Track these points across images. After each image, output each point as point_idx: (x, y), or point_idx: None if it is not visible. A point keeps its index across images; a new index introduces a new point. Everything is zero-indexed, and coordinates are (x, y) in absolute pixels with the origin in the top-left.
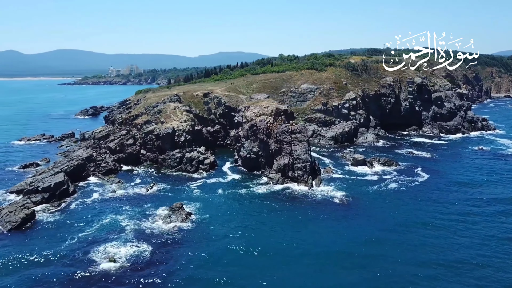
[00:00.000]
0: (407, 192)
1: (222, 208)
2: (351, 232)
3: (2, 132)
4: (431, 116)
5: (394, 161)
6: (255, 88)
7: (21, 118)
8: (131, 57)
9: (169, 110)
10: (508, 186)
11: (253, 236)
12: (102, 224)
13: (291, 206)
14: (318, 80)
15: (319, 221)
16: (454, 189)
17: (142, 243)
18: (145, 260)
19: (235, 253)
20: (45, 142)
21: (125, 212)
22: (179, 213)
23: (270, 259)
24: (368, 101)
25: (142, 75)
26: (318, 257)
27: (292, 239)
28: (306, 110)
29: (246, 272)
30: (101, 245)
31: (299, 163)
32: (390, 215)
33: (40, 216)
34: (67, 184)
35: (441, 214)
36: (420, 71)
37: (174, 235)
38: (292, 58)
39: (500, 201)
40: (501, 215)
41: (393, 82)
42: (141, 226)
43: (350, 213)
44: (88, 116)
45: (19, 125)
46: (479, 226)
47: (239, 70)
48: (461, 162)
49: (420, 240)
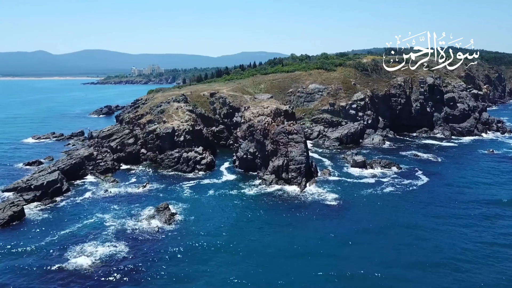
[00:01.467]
0: (401, 196)
1: (209, 209)
2: (330, 233)
3: (17, 130)
4: (442, 118)
5: (395, 164)
6: (262, 88)
7: (38, 116)
8: (154, 57)
9: (172, 110)
10: (507, 189)
11: (232, 238)
12: (86, 223)
13: (278, 208)
14: (326, 80)
15: (302, 222)
16: (451, 193)
17: (120, 243)
18: (119, 260)
19: (211, 255)
20: (54, 140)
21: (112, 211)
22: (163, 214)
23: (245, 260)
24: (377, 102)
25: (163, 74)
26: (292, 257)
27: (271, 240)
28: (313, 111)
29: (217, 273)
30: (79, 243)
31: (294, 164)
32: (376, 218)
33: (30, 213)
34: (60, 183)
35: (430, 217)
36: (433, 71)
37: (154, 236)
38: (303, 57)
39: (495, 204)
40: (491, 219)
41: (404, 82)
42: (124, 226)
43: (335, 215)
44: (102, 115)
45: (35, 123)
46: (466, 229)
47: (249, 70)
48: (466, 165)
49: (399, 242)
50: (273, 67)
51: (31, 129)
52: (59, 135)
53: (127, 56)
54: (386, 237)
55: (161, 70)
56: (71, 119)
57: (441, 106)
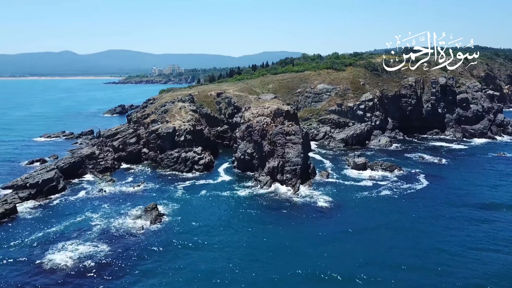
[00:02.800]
0: (396, 199)
1: (197, 210)
2: (311, 233)
3: (31, 128)
4: (454, 119)
5: (397, 166)
6: (271, 88)
7: (55, 115)
8: (176, 57)
9: (175, 109)
10: (508, 192)
11: (212, 237)
12: (74, 222)
13: (266, 210)
14: (335, 80)
15: (285, 223)
16: (448, 196)
17: (101, 242)
18: (95, 258)
19: (189, 257)
20: (64, 139)
21: (101, 210)
22: (150, 214)
23: (221, 261)
24: (387, 102)
25: (182, 74)
26: (267, 256)
27: (249, 239)
28: (320, 111)
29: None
30: (62, 241)
31: (290, 166)
32: (363, 220)
33: (22, 211)
34: (56, 181)
35: (419, 220)
36: (447, 71)
37: (137, 236)
38: (315, 57)
39: (490, 207)
40: (482, 222)
41: (415, 82)
42: (109, 225)
43: (321, 217)
44: (115, 115)
45: (50, 121)
46: (454, 232)
47: (260, 70)
48: (471, 168)
49: (381, 244)
50: (284, 67)
51: (45, 127)
52: (69, 134)
53: (149, 56)
54: (369, 239)
55: (181, 70)
56: (85, 118)
57: (453, 107)
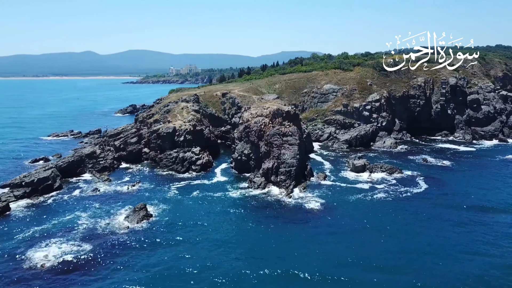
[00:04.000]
0: (390, 202)
1: (186, 211)
2: (293, 235)
3: (42, 127)
4: (464, 120)
5: (397, 169)
6: (277, 88)
7: (69, 114)
8: (195, 56)
9: (177, 110)
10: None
11: (194, 240)
12: (62, 221)
13: (255, 212)
14: (342, 81)
15: (272, 226)
16: (444, 200)
17: (84, 242)
18: (75, 257)
19: (164, 255)
20: (71, 138)
21: (91, 210)
22: (137, 214)
23: (198, 262)
24: (394, 103)
25: (199, 74)
26: (247, 256)
27: (229, 239)
28: (326, 112)
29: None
30: (47, 239)
31: (285, 167)
32: (350, 223)
33: (15, 209)
34: (52, 180)
35: (408, 223)
36: (459, 71)
37: (120, 236)
38: (324, 57)
39: (483, 211)
40: (470, 226)
41: (424, 83)
42: (96, 224)
43: (308, 219)
44: (126, 114)
45: (62, 120)
46: (441, 234)
47: (269, 70)
48: (475, 171)
49: (363, 246)
50: (293, 67)
51: (57, 126)
52: (76, 133)
53: (168, 56)
54: (353, 241)
55: (198, 70)
56: (96, 118)
57: (464, 108)
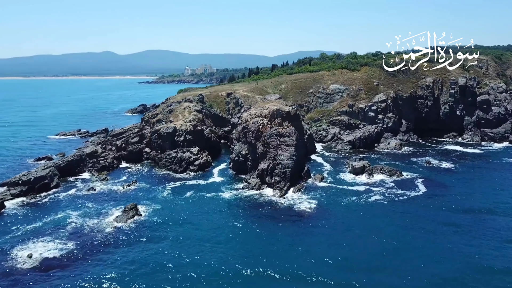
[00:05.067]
0: (384, 206)
1: (175, 211)
2: (275, 237)
3: (52, 125)
4: (474, 122)
5: (398, 171)
6: (283, 88)
7: (80, 113)
8: (212, 56)
9: (179, 110)
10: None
11: (177, 241)
12: (53, 219)
13: (244, 213)
14: (348, 81)
15: (257, 227)
16: (439, 204)
17: (70, 241)
18: (59, 256)
19: (143, 254)
20: (78, 137)
21: (83, 209)
22: (127, 214)
23: (175, 259)
24: (401, 104)
25: (214, 74)
26: (225, 257)
27: (209, 239)
28: (331, 112)
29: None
30: (35, 238)
31: (280, 168)
32: (336, 226)
33: (10, 207)
34: (50, 179)
35: (394, 228)
36: (470, 71)
37: (107, 235)
38: (332, 57)
39: (477, 215)
40: (458, 229)
41: (433, 83)
42: (84, 224)
43: (295, 221)
44: (136, 114)
45: (73, 119)
46: (427, 236)
47: (277, 70)
48: (478, 174)
49: (345, 249)
50: (300, 67)
51: (67, 125)
52: (83, 132)
53: (186, 56)
54: (335, 244)
55: (213, 70)
56: (107, 117)
57: (473, 109)
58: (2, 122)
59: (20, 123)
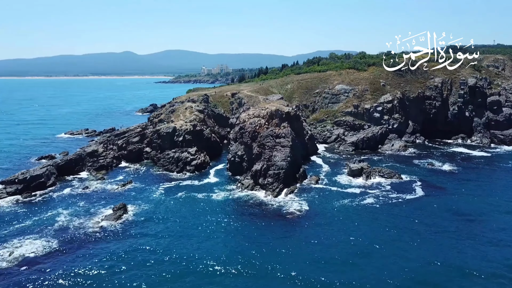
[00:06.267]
0: (374, 209)
1: (164, 212)
2: (254, 240)
3: (62, 124)
4: (483, 123)
5: (396, 173)
6: (289, 88)
7: (93, 112)
8: (231, 56)
9: (181, 110)
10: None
11: (158, 241)
12: (42, 218)
13: (231, 215)
14: (354, 81)
15: (241, 229)
16: (432, 208)
17: (54, 239)
18: (40, 255)
19: (132, 260)
20: (85, 136)
21: (73, 208)
22: (115, 214)
23: (152, 255)
24: (408, 104)
25: (229, 74)
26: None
27: (188, 241)
28: (336, 113)
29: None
30: (21, 236)
31: (273, 170)
32: (321, 229)
33: (3, 205)
34: (46, 178)
35: (380, 232)
36: (481, 71)
37: (91, 234)
38: (341, 57)
39: (470, 221)
40: (445, 236)
41: (441, 83)
42: (71, 223)
43: (283, 225)
44: (146, 113)
45: (85, 119)
46: (409, 245)
47: (285, 70)
48: (480, 178)
49: (319, 253)
50: (308, 67)
51: (78, 124)
52: (91, 131)
53: (204, 56)
54: (317, 246)
55: (229, 69)
56: (117, 116)
57: (483, 111)
58: (18, 121)
59: (33, 121)
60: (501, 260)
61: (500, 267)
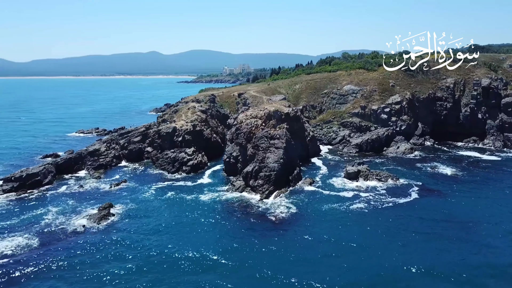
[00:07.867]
0: (363, 214)
1: (150, 212)
2: (236, 241)
3: (76, 123)
4: (497, 126)
5: (394, 177)
6: (297, 89)
7: (109, 111)
8: (254, 56)
9: (184, 110)
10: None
11: (140, 242)
12: (30, 216)
13: (216, 216)
14: (363, 81)
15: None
16: (422, 213)
17: (35, 238)
18: (17, 252)
19: (110, 261)
20: (95, 135)
21: (62, 206)
22: (99, 213)
23: (132, 256)
24: (418, 106)
25: (251, 74)
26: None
27: (165, 246)
28: (343, 114)
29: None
30: (5, 234)
31: (265, 171)
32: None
33: None
34: (42, 176)
35: (363, 236)
36: (497, 71)
37: (72, 234)
38: (353, 56)
39: (461, 228)
40: (432, 242)
41: (454, 84)
42: (55, 221)
43: (266, 229)
44: (159, 113)
45: (100, 118)
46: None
47: (296, 70)
48: (484, 184)
49: (300, 256)
50: (320, 67)
51: (92, 123)
52: (101, 130)
53: (228, 56)
54: (296, 250)
55: (251, 69)
56: (131, 115)
57: (497, 112)
58: (38, 119)
59: (52, 119)
60: (478, 266)
61: (474, 273)
